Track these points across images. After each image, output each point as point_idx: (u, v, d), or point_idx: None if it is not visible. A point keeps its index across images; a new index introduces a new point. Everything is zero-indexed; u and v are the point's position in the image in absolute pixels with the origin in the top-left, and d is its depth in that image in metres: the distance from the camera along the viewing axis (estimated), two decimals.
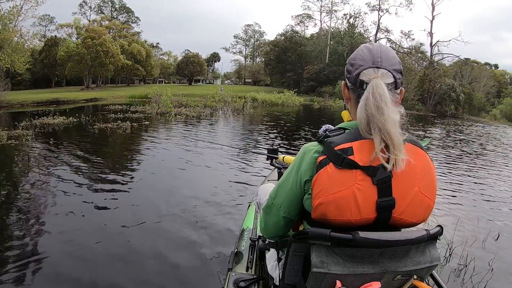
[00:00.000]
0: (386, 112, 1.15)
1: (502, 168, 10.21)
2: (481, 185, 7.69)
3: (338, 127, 1.34)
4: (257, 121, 19.52)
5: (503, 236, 4.73)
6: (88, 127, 12.73)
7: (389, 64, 1.27)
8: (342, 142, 1.19)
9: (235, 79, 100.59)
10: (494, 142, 17.67)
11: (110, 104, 26.10)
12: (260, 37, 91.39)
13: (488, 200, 6.52)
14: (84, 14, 72.64)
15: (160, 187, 5.99)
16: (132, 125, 13.36)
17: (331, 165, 1.17)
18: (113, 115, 17.03)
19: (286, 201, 1.37)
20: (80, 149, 8.78)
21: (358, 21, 63.14)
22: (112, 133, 11.47)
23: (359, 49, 1.34)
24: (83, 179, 6.14)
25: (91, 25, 56.01)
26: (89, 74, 49.57)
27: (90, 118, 15.03)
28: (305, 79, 56.79)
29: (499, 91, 62.50)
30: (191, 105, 23.82)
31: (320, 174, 1.19)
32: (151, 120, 16.28)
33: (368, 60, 1.27)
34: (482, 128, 27.05)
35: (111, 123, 13.49)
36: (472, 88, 48.98)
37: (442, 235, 1.30)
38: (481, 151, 13.63)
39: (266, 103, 35.45)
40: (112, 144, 10.01)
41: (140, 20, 79.35)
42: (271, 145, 10.34)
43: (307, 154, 1.28)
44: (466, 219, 5.29)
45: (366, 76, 1.25)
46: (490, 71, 63.43)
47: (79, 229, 4.11)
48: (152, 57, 68.06)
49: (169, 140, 10.68)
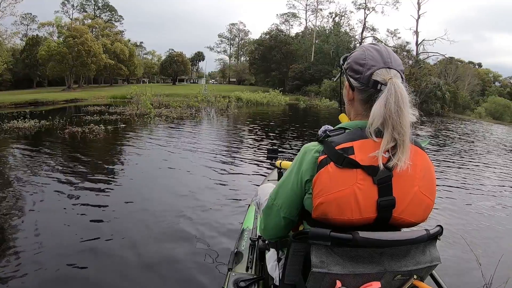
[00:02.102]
0: (405, 113, 1.17)
1: (502, 166, 10.47)
2: (481, 185, 7.84)
3: (338, 127, 1.34)
4: (242, 122, 19.16)
5: (504, 235, 4.91)
6: (58, 131, 11.85)
7: (397, 65, 1.29)
8: (343, 142, 1.20)
9: (220, 79, 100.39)
10: (488, 139, 18.17)
11: (89, 105, 25.38)
12: (244, 36, 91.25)
13: (488, 200, 6.62)
14: (67, 12, 71.33)
15: (154, 189, 6.07)
16: (106, 129, 12.57)
17: (332, 165, 1.18)
18: (89, 117, 16.26)
19: (287, 202, 1.36)
20: (43, 158, 7.95)
21: (343, 19, 63.38)
22: (83, 138, 10.64)
23: (366, 49, 1.33)
24: (45, 195, 5.53)
25: (73, 23, 54.68)
26: (71, 74, 48.64)
27: (64, 121, 14.17)
28: (290, 78, 56.75)
29: (483, 89, 63.49)
30: (172, 106, 23.21)
31: (321, 174, 1.19)
32: (128, 122, 15.52)
33: (379, 61, 1.27)
34: (474, 126, 27.61)
35: (84, 127, 12.71)
36: (456, 86, 49.45)
37: (442, 234, 1.31)
38: (478, 148, 14.07)
39: (251, 102, 35.33)
40: (81, 151, 9.11)
41: (123, 18, 78.25)
42: (271, 145, 10.54)
43: (307, 154, 1.28)
44: (467, 218, 5.43)
45: (380, 76, 1.25)
46: (474, 69, 64.56)
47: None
48: (136, 56, 67.32)
49: (147, 144, 10.10)
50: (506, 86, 78.78)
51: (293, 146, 10.98)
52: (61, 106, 26.71)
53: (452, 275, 3.57)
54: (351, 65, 1.35)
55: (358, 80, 1.31)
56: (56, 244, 3.83)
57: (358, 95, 1.35)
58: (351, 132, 1.26)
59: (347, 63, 1.39)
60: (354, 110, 1.40)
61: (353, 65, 1.34)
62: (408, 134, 1.16)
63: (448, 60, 54.38)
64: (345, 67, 1.39)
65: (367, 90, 1.29)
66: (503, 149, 14.89)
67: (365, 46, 1.36)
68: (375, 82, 1.26)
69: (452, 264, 3.80)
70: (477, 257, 3.77)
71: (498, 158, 12.08)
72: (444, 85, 42.03)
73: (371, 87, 1.27)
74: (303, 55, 62.53)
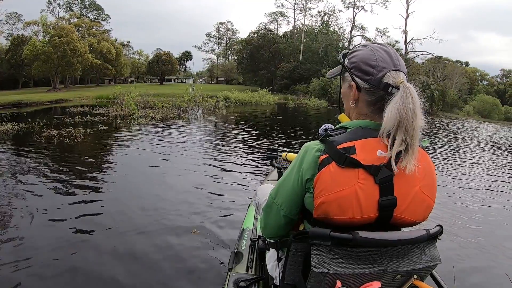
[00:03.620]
0: (418, 117, 1.17)
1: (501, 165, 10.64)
2: (482, 184, 7.89)
3: (339, 126, 1.34)
4: (231, 122, 18.82)
5: (505, 234, 4.92)
6: (35, 135, 11.10)
7: (403, 67, 1.30)
8: (344, 141, 1.20)
9: (208, 78, 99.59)
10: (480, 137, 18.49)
11: (72, 106, 24.70)
12: (232, 35, 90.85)
13: (489, 199, 6.66)
14: (53, 11, 69.97)
15: (148, 191, 6.00)
16: (86, 132, 11.90)
17: (333, 164, 1.18)
18: (70, 119, 15.61)
19: (287, 200, 1.36)
20: (10, 167, 7.33)
21: (332, 18, 63.50)
22: (60, 143, 9.96)
23: (375, 50, 1.31)
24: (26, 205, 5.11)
25: (59, 22, 53.78)
26: (56, 74, 47.66)
27: (44, 123, 13.39)
28: (279, 77, 56.84)
29: (470, 88, 63.99)
30: (158, 106, 22.64)
31: (323, 173, 1.19)
32: (110, 124, 14.89)
33: (389, 63, 1.27)
34: (464, 124, 28.32)
35: (63, 130, 12.07)
36: (444, 85, 49.76)
37: (442, 234, 1.31)
38: (473, 146, 14.54)
39: (239, 102, 35.18)
40: (54, 157, 8.46)
41: (110, 18, 76.91)
42: (271, 145, 10.46)
43: (308, 153, 1.27)
44: (467, 217, 5.46)
45: (391, 79, 1.25)
46: (462, 68, 65.14)
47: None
48: (123, 56, 66.39)
49: (129, 149, 9.60)
50: (493, 85, 79.87)
51: (288, 146, 10.85)
52: (45, 107, 25.97)
53: (452, 275, 3.49)
54: (359, 65, 1.31)
55: (367, 82, 1.28)
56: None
57: (365, 96, 1.32)
58: (353, 131, 1.25)
59: (351, 62, 1.35)
60: (358, 110, 1.37)
61: (361, 66, 1.30)
62: (418, 137, 1.18)
63: (436, 59, 54.78)
64: (349, 66, 1.35)
65: (376, 92, 1.28)
66: (497, 147, 15.43)
67: (372, 46, 1.33)
68: (386, 84, 1.24)
69: (452, 263, 3.76)
70: (478, 256, 3.93)
71: (491, 155, 12.48)
72: (432, 83, 42.28)
73: (381, 89, 1.25)
74: (291, 54, 62.40)
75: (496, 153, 13.51)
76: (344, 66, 1.41)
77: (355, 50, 1.37)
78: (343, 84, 1.45)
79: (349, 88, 1.37)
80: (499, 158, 12.19)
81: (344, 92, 1.44)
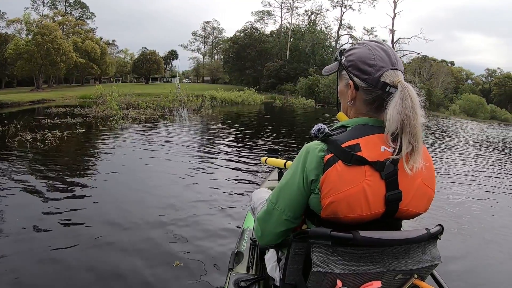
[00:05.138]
0: (419, 116, 1.19)
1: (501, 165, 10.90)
2: (482, 183, 8.05)
3: (339, 126, 1.34)
4: (218, 123, 18.44)
5: (506, 234, 4.94)
6: (8, 139, 10.25)
7: (400, 66, 1.30)
8: (348, 139, 1.20)
9: (194, 77, 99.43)
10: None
11: (53, 106, 23.98)
12: (219, 34, 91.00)
13: (490, 199, 6.75)
14: (37, 9, 68.74)
15: (146, 188, 6.00)
16: (62, 136, 11.09)
17: (340, 163, 1.17)
18: (49, 121, 14.95)
19: (291, 204, 1.31)
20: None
21: (319, 17, 63.56)
22: (33, 148, 9.15)
23: (373, 49, 1.30)
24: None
25: (43, 20, 52.78)
26: (40, 74, 46.88)
27: (21, 125, 12.65)
28: (265, 76, 56.78)
29: (456, 87, 64.56)
30: (142, 106, 22.08)
31: (330, 173, 1.18)
32: (90, 126, 14.15)
33: (387, 62, 1.27)
34: (451, 123, 29.52)
35: (39, 133, 11.36)
36: (430, 84, 50.13)
37: (442, 234, 1.32)
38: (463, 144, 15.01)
39: (225, 101, 35.08)
40: (23, 163, 7.74)
41: (95, 16, 75.95)
42: (270, 144, 10.59)
43: (311, 153, 1.25)
44: (468, 216, 5.54)
45: (389, 78, 1.25)
46: (447, 68, 65.97)
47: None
48: (108, 55, 65.84)
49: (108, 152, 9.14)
50: (478, 84, 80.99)
51: (285, 147, 10.73)
52: (26, 108, 25.17)
53: (453, 274, 3.58)
54: (356, 64, 1.30)
55: (365, 81, 1.28)
56: None
57: (362, 95, 1.31)
58: (354, 129, 1.25)
59: (348, 60, 1.33)
60: (355, 109, 1.36)
61: (359, 65, 1.29)
62: (421, 136, 1.19)
63: (422, 59, 55.21)
64: (347, 64, 1.34)
65: (373, 91, 1.27)
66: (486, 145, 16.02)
67: (370, 44, 1.32)
68: (384, 84, 1.24)
69: (453, 262, 3.83)
70: (479, 255, 4.03)
71: (480, 152, 13.15)
72: (419, 83, 42.53)
73: (379, 89, 1.25)
74: (278, 53, 62.50)
75: (487, 151, 14.27)
76: (341, 64, 1.38)
77: (353, 48, 1.35)
78: (340, 82, 1.43)
79: (346, 87, 1.35)
80: (486, 155, 13.02)
81: (341, 90, 1.42)
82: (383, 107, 1.24)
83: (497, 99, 72.65)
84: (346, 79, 1.35)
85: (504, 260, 4.12)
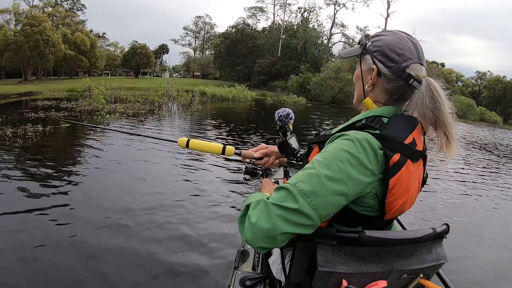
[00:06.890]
0: (448, 110, 1.18)
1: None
2: (481, 183, 8.25)
3: (374, 115, 1.25)
4: (209, 119, 18.02)
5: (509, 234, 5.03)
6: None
7: (425, 62, 1.29)
8: (405, 134, 1.17)
9: (184, 72, 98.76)
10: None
11: (39, 99, 23.13)
12: (210, 29, 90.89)
13: (491, 198, 6.88)
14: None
15: (148, 189, 5.77)
16: (44, 131, 10.48)
17: (409, 162, 1.15)
18: (33, 115, 14.29)
19: (330, 201, 1.08)
20: None
21: (312, 15, 63.45)
22: (10, 144, 8.50)
23: (402, 39, 1.26)
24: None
25: (32, 10, 51.70)
26: (28, 66, 45.78)
27: (3, 119, 11.91)
28: (256, 73, 56.53)
29: (447, 88, 65.10)
30: (130, 101, 21.52)
31: (402, 174, 1.13)
32: (75, 120, 13.51)
33: (415, 54, 1.25)
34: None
35: (20, 127, 10.69)
36: None
37: (448, 233, 1.32)
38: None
39: (216, 97, 34.72)
40: (8, 159, 7.32)
41: (86, 8, 74.26)
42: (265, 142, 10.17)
43: (369, 149, 1.11)
44: (473, 217, 5.61)
45: (414, 71, 1.23)
46: (438, 69, 66.21)
47: None
48: (97, 47, 64.52)
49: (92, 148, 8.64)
50: (468, 86, 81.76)
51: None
52: (13, 101, 24.22)
53: (458, 274, 3.62)
54: (383, 50, 1.26)
55: (390, 69, 1.25)
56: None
57: (384, 83, 1.28)
58: (399, 121, 1.21)
59: (375, 45, 1.28)
60: (373, 95, 1.32)
61: (387, 51, 1.25)
62: (454, 126, 1.19)
63: None
64: (372, 49, 1.29)
65: (396, 81, 1.25)
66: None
67: (400, 34, 1.28)
68: (408, 75, 1.22)
69: (458, 262, 3.87)
70: (483, 255, 4.04)
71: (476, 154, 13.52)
72: None
73: (402, 79, 1.23)
74: (269, 50, 62.32)
75: (480, 152, 14.83)
76: (365, 47, 1.31)
77: (381, 34, 1.30)
78: (361, 66, 1.35)
79: (368, 71, 1.31)
80: (483, 156, 13.64)
81: (358, 74, 1.36)
82: (404, 100, 1.27)
83: (487, 102, 73.70)
84: (369, 64, 1.29)
85: (506, 259, 4.21)
